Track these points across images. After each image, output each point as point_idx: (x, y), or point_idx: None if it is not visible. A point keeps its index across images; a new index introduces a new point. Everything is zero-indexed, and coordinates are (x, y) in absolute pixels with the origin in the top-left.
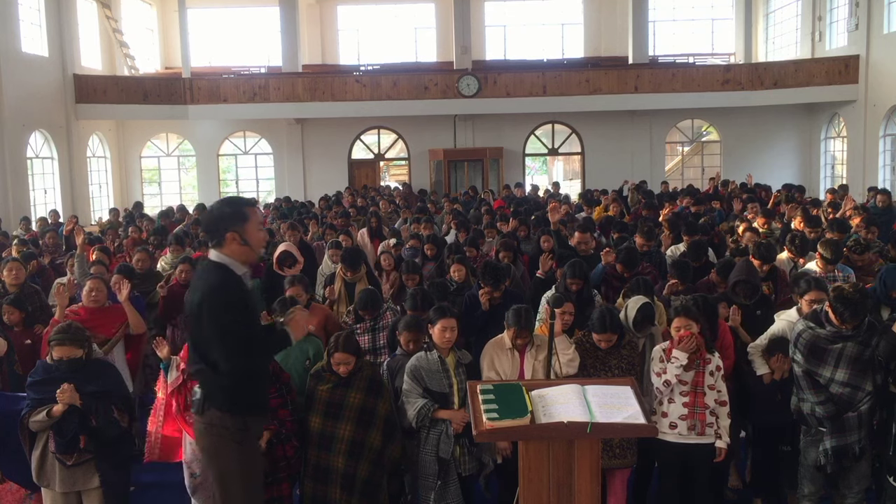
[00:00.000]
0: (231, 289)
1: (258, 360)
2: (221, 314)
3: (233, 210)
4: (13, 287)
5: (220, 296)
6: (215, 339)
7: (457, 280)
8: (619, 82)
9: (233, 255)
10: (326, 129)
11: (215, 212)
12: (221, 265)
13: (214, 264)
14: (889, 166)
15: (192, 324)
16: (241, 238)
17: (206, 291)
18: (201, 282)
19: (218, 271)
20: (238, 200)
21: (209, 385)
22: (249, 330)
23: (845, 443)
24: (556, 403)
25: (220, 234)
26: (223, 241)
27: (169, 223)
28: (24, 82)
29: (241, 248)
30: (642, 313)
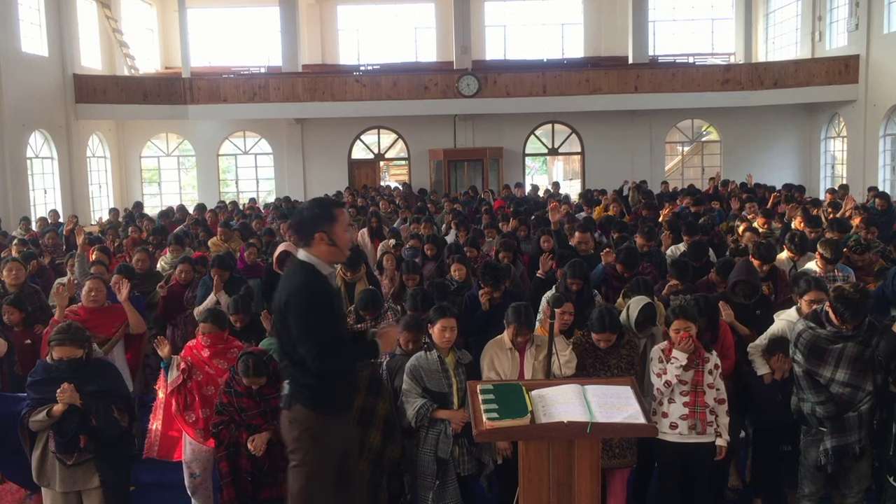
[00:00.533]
0: (317, 289)
1: (343, 363)
2: (307, 314)
3: (322, 211)
4: (13, 287)
5: (306, 295)
6: (302, 338)
7: (457, 280)
8: (619, 82)
9: (320, 255)
10: (326, 129)
11: (305, 213)
12: (308, 265)
13: (302, 264)
14: (889, 166)
15: (278, 322)
16: (329, 238)
17: (292, 291)
18: (289, 281)
19: (304, 271)
20: (327, 202)
21: (294, 382)
22: (334, 331)
23: (846, 443)
24: (556, 403)
25: (309, 234)
26: (311, 242)
27: (169, 223)
28: (24, 82)
29: (328, 249)
30: (644, 314)
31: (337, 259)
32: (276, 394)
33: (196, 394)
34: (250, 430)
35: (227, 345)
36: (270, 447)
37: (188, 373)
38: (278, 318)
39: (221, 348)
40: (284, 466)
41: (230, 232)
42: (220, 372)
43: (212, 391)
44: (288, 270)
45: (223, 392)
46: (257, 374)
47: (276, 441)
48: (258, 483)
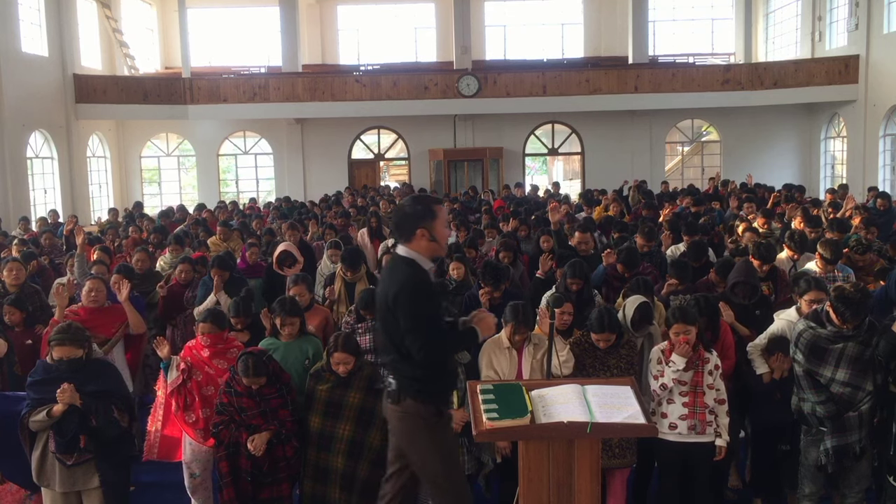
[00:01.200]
0: (421, 283)
1: (446, 352)
2: (414, 307)
3: (423, 207)
4: (13, 287)
5: (412, 290)
6: (410, 331)
7: (456, 279)
8: (619, 82)
9: (420, 250)
10: (326, 129)
11: (407, 209)
12: (410, 260)
13: (403, 259)
14: (889, 166)
15: (384, 316)
16: (430, 234)
17: (399, 286)
18: (393, 276)
19: (408, 266)
20: (428, 198)
21: (402, 375)
22: (438, 322)
23: (846, 442)
24: (556, 403)
25: (410, 230)
26: (412, 237)
27: (169, 223)
28: (24, 82)
29: (429, 244)
30: (640, 313)
31: (436, 254)
32: (276, 394)
33: (196, 394)
34: (250, 430)
35: (227, 345)
36: (270, 447)
37: (188, 373)
38: (384, 313)
39: (221, 348)
40: (284, 466)
41: (229, 231)
42: (220, 372)
43: (212, 391)
44: (389, 266)
45: (223, 392)
46: (257, 374)
47: (276, 441)
48: (258, 483)
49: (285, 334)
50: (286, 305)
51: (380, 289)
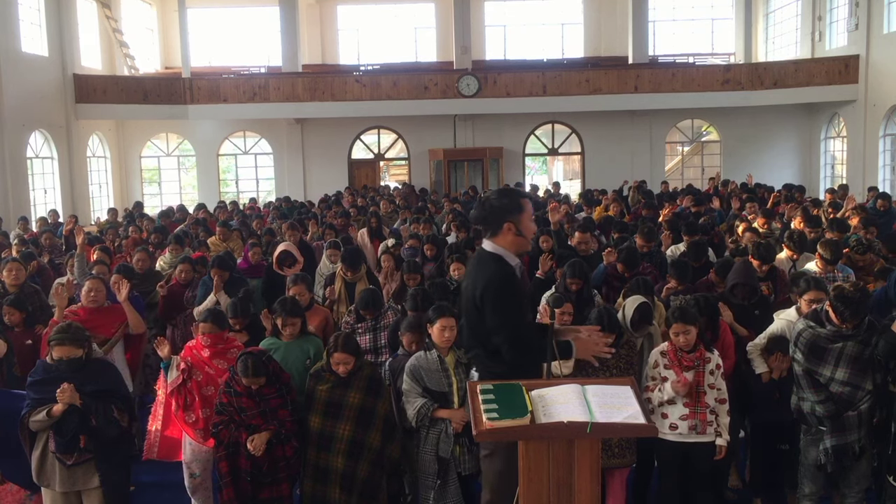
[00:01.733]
0: (508, 279)
1: (533, 356)
2: (501, 304)
3: (510, 201)
4: (13, 287)
5: (499, 287)
6: (496, 327)
7: (456, 279)
8: (619, 82)
9: (507, 245)
10: (326, 129)
11: (494, 203)
12: (496, 255)
13: (490, 255)
14: (889, 166)
15: (469, 311)
16: (517, 229)
17: (486, 282)
18: (479, 272)
19: (494, 262)
20: (514, 192)
21: (487, 371)
22: (524, 320)
23: (845, 442)
24: (556, 403)
25: (497, 224)
26: (499, 232)
27: (169, 223)
28: (24, 82)
29: (516, 239)
30: (640, 313)
31: (523, 249)
32: (276, 394)
33: (196, 394)
34: (250, 430)
35: (227, 345)
36: (270, 447)
37: (188, 373)
38: (471, 309)
39: (221, 348)
40: (284, 466)
41: (229, 231)
42: (220, 372)
43: (212, 391)
44: (475, 262)
45: (223, 392)
46: (257, 374)
47: (276, 441)
48: (258, 483)
49: (286, 334)
50: (287, 305)
51: (465, 283)
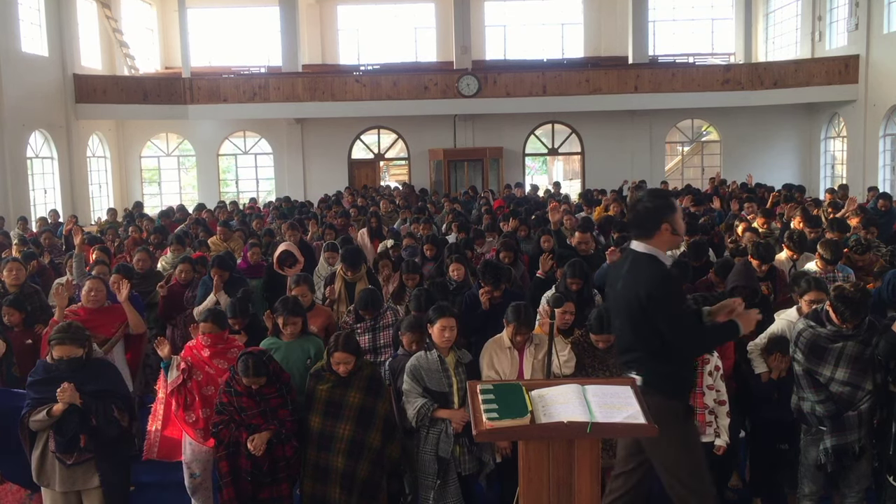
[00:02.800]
0: (670, 279)
1: (709, 344)
2: (670, 305)
3: (664, 201)
4: (13, 287)
5: (665, 288)
6: (670, 329)
7: (456, 279)
8: (619, 82)
9: (661, 245)
10: (326, 128)
11: (648, 204)
12: (652, 256)
13: (646, 256)
14: (889, 166)
15: (629, 314)
16: (672, 228)
17: (649, 285)
18: (638, 275)
19: (653, 264)
20: (666, 192)
21: (650, 372)
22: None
23: (845, 441)
24: (556, 403)
25: (655, 225)
26: (654, 233)
27: (169, 223)
28: (24, 82)
29: (671, 238)
30: None
31: (675, 246)
32: (276, 394)
33: (196, 394)
34: (250, 429)
35: (227, 345)
36: (270, 447)
37: (188, 373)
38: (628, 311)
39: (221, 348)
40: (284, 466)
41: (230, 231)
42: (220, 372)
43: (212, 391)
44: (629, 264)
45: (223, 392)
46: (257, 373)
47: (276, 441)
48: (258, 483)
49: (287, 334)
50: (289, 305)
51: (620, 286)
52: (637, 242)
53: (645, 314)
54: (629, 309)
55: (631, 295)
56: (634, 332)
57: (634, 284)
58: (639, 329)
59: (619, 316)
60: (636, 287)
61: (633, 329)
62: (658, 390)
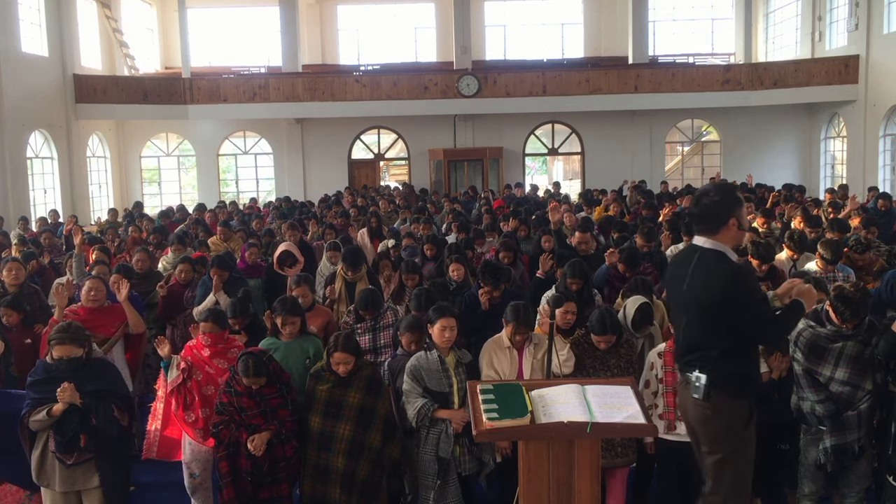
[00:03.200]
0: (743, 274)
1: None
2: (748, 299)
3: (731, 196)
4: (13, 287)
5: (740, 283)
6: (752, 323)
7: (455, 279)
8: (619, 82)
9: (727, 241)
10: (326, 128)
11: (715, 198)
12: (720, 252)
13: (713, 252)
14: (889, 166)
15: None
16: (739, 222)
17: (724, 282)
18: (707, 273)
19: (722, 260)
20: (731, 186)
21: (717, 371)
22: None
23: (845, 441)
24: (556, 403)
25: (722, 220)
26: (721, 228)
27: (169, 223)
28: (24, 82)
29: (737, 233)
30: (641, 313)
31: (740, 242)
32: (276, 394)
33: (196, 393)
34: (250, 429)
35: (227, 345)
36: (270, 447)
37: (188, 372)
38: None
39: (221, 348)
40: (284, 466)
41: (230, 231)
42: (220, 372)
43: (212, 391)
44: (695, 261)
45: (223, 392)
46: (257, 374)
47: (276, 441)
48: (258, 483)
49: (286, 334)
50: (287, 305)
51: (686, 285)
52: (702, 238)
53: (718, 312)
54: (698, 307)
55: (701, 293)
56: (704, 330)
57: (705, 282)
58: (710, 327)
59: (686, 314)
60: (707, 285)
61: (703, 328)
62: (723, 390)
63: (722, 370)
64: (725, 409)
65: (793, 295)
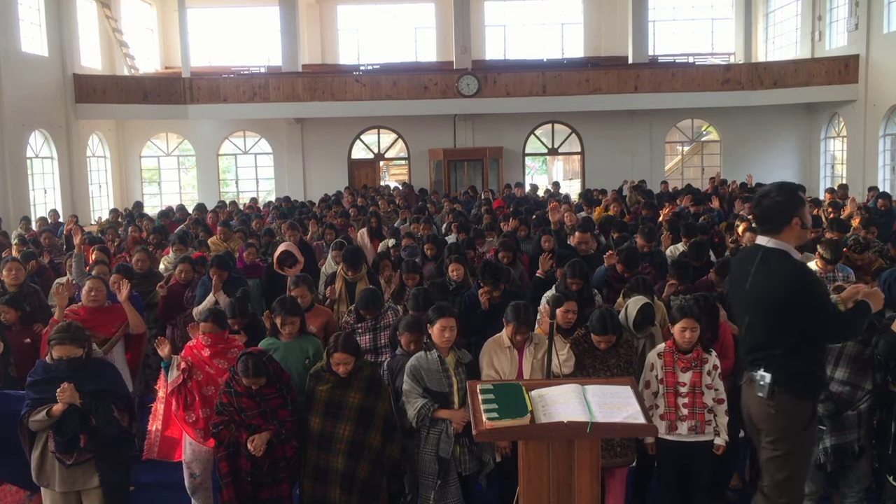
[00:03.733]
0: (809, 273)
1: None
2: (816, 298)
3: (794, 195)
4: (12, 287)
5: (807, 283)
6: (822, 322)
7: (455, 279)
8: (619, 82)
9: (789, 239)
10: (326, 128)
11: (778, 198)
12: (783, 252)
13: (777, 251)
14: (889, 166)
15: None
16: (802, 222)
17: (790, 282)
18: (772, 273)
19: (786, 259)
20: (793, 185)
21: (782, 371)
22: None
23: (845, 441)
24: (556, 403)
25: (786, 219)
26: (784, 227)
27: (169, 223)
28: (24, 82)
29: (800, 232)
30: (643, 314)
31: (803, 241)
32: (276, 394)
33: (196, 394)
34: (250, 430)
35: (227, 345)
36: (270, 447)
37: (188, 373)
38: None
39: (221, 348)
40: (284, 466)
41: (230, 231)
42: (221, 372)
43: (212, 391)
44: (758, 262)
45: (223, 392)
46: (257, 374)
47: (276, 441)
48: (258, 483)
49: (285, 334)
50: (287, 305)
51: (750, 284)
52: (765, 238)
53: (782, 311)
54: (764, 307)
55: (765, 292)
56: (768, 329)
57: (770, 282)
58: (774, 326)
59: (748, 313)
60: (771, 284)
61: (767, 326)
62: (788, 389)
63: (786, 369)
64: (789, 409)
65: (859, 297)
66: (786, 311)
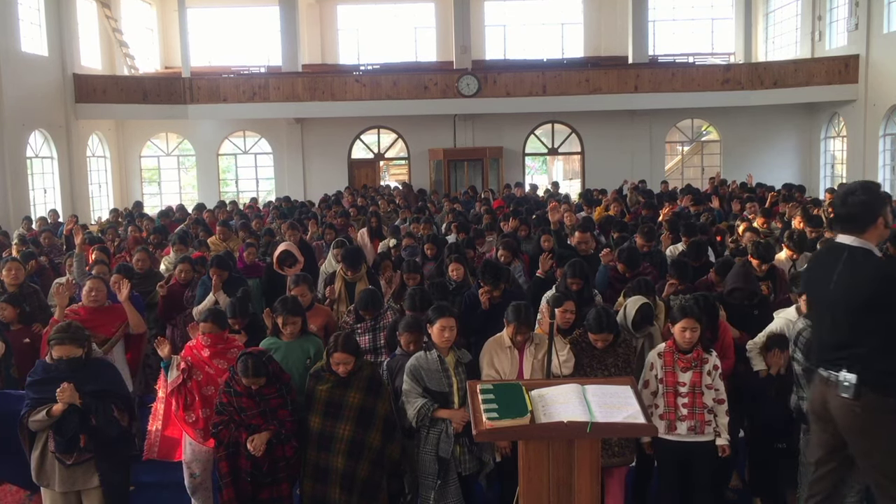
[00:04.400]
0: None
1: None
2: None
3: (879, 194)
4: (12, 287)
5: (892, 279)
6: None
7: (455, 279)
8: (618, 82)
9: (871, 238)
10: (326, 128)
11: (864, 197)
12: (867, 250)
13: (862, 250)
14: (889, 166)
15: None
16: (886, 220)
17: (877, 278)
18: (857, 271)
19: (872, 257)
20: (876, 184)
21: (867, 370)
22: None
23: None
24: (556, 403)
25: (872, 218)
26: (869, 226)
27: (169, 223)
28: (24, 82)
29: (883, 231)
30: (641, 313)
31: (884, 239)
32: (276, 394)
33: (196, 394)
34: (250, 430)
35: (227, 345)
36: (270, 447)
37: (188, 373)
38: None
39: (221, 348)
40: (284, 466)
41: (230, 231)
42: (220, 372)
43: (212, 391)
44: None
45: (223, 392)
46: (256, 374)
47: (276, 441)
48: (258, 483)
49: (287, 333)
50: (288, 305)
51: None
52: (848, 237)
53: (868, 309)
54: (847, 305)
55: (850, 291)
56: (852, 328)
57: (855, 280)
58: (859, 325)
59: (832, 313)
60: (857, 283)
61: (852, 326)
62: (874, 388)
63: (872, 368)
64: (876, 408)
65: None
66: (872, 308)
